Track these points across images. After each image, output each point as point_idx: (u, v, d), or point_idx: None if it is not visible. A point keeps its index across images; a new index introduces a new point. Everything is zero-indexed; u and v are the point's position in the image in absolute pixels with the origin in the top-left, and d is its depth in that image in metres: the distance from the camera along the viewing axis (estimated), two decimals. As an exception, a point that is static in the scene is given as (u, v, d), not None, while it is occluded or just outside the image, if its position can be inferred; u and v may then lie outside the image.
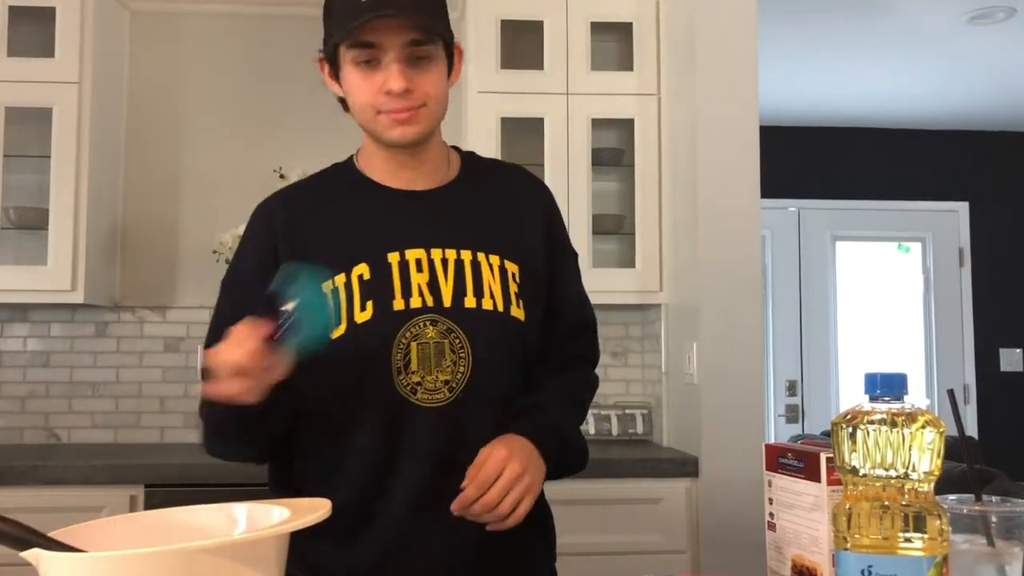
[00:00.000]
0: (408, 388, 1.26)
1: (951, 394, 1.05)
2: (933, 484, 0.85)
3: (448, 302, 1.28)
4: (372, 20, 1.21)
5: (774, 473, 1.08)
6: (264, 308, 1.10)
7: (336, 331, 1.24)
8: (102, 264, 3.06)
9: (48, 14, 2.92)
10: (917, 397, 4.19)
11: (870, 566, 0.84)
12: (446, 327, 1.27)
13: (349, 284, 1.27)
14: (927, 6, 3.92)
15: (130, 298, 3.20)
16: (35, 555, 0.73)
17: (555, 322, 1.41)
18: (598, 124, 3.06)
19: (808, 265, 5.70)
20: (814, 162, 5.64)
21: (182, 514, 0.89)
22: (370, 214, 1.34)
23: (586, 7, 3.05)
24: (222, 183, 3.25)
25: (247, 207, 1.42)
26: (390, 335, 1.25)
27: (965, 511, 0.94)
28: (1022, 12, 3.97)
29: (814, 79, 4.89)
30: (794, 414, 5.59)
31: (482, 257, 1.32)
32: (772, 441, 1.15)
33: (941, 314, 5.70)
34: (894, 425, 0.84)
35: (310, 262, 1.16)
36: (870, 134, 5.67)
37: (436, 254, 1.30)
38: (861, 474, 0.85)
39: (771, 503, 1.08)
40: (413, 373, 1.26)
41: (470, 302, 1.29)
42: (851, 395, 5.51)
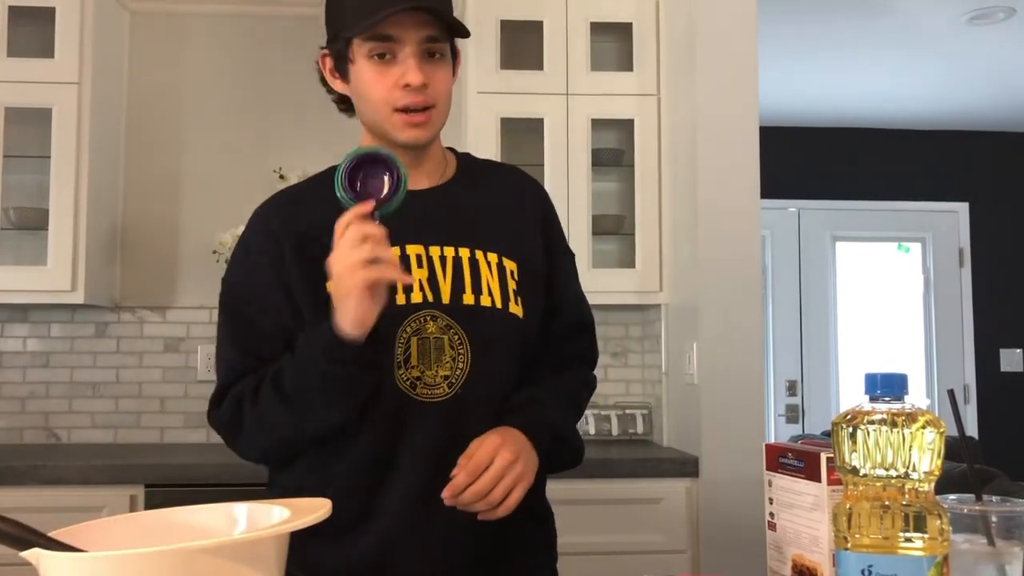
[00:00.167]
0: (408, 383, 1.26)
1: (951, 394, 1.05)
2: (933, 484, 0.85)
3: (447, 298, 1.28)
4: (397, 12, 1.21)
5: (774, 473, 1.08)
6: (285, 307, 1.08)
7: None
8: (102, 264, 3.06)
9: (48, 14, 2.92)
10: (917, 397, 4.19)
11: (870, 566, 0.84)
12: (445, 323, 1.28)
13: None
14: (927, 6, 3.92)
15: (130, 298, 3.20)
16: (35, 555, 0.73)
17: (552, 322, 1.41)
18: (598, 124, 3.05)
19: (808, 265, 5.70)
20: (814, 162, 5.64)
21: (182, 514, 0.89)
22: None
23: (586, 7, 3.05)
24: (222, 183, 3.25)
25: (247, 207, 1.42)
26: (392, 329, 1.25)
27: (965, 511, 0.94)
28: (1022, 12, 3.97)
29: (814, 79, 4.89)
30: (794, 414, 5.59)
31: (480, 255, 1.32)
32: (772, 441, 1.15)
33: (941, 314, 5.70)
34: (894, 425, 0.84)
35: (311, 262, 1.16)
36: (870, 134, 5.67)
37: (435, 251, 1.30)
38: (861, 474, 0.85)
39: (771, 503, 1.08)
40: (413, 368, 1.26)
41: (469, 299, 1.29)
42: (851, 395, 5.51)
